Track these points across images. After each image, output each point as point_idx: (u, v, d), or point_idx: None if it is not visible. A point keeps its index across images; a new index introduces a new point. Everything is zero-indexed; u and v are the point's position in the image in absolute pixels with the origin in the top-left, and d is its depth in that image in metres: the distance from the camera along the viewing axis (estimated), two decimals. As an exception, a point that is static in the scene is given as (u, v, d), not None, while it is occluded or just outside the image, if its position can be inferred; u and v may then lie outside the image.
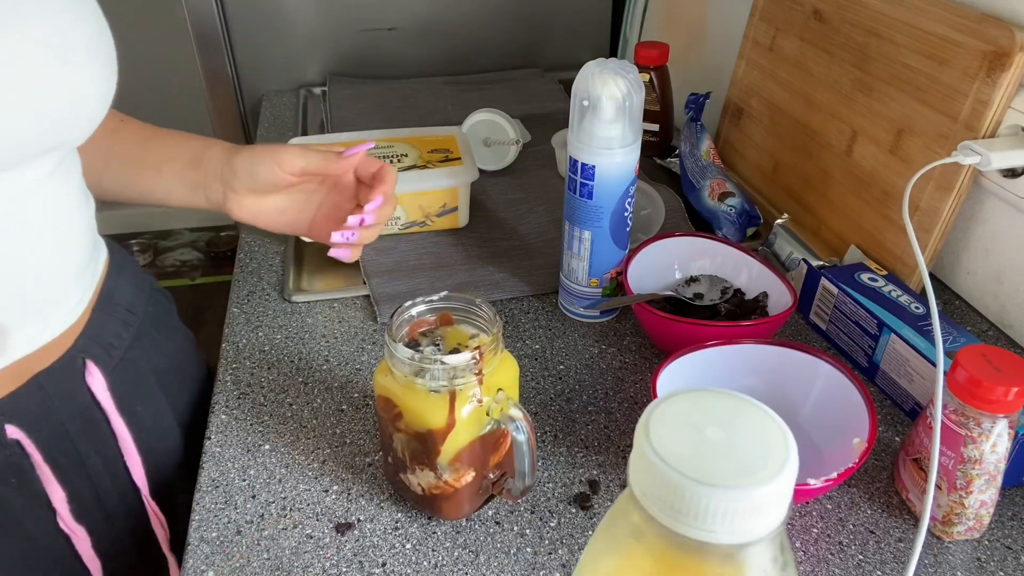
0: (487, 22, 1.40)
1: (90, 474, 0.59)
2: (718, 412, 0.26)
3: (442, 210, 0.84)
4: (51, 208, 0.53)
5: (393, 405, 0.51)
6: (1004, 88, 0.65)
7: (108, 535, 0.61)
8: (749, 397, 0.27)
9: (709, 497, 0.24)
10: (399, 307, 0.53)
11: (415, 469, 0.53)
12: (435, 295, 0.54)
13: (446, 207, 0.85)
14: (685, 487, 0.24)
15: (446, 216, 0.85)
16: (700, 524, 0.24)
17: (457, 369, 0.49)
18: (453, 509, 0.54)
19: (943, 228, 0.71)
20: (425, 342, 0.53)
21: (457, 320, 0.54)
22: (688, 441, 0.25)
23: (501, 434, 0.53)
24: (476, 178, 0.85)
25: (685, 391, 0.27)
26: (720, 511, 0.24)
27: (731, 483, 0.24)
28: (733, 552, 0.25)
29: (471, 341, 0.53)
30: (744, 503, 0.24)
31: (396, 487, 0.57)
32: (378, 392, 0.52)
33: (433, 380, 0.49)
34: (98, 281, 0.62)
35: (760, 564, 0.26)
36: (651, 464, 0.25)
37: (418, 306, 0.53)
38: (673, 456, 0.25)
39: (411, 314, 0.53)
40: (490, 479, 0.55)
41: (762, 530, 0.25)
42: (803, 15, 0.88)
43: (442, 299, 0.54)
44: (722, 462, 0.25)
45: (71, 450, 0.57)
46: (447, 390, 0.49)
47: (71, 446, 0.57)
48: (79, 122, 0.52)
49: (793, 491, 0.26)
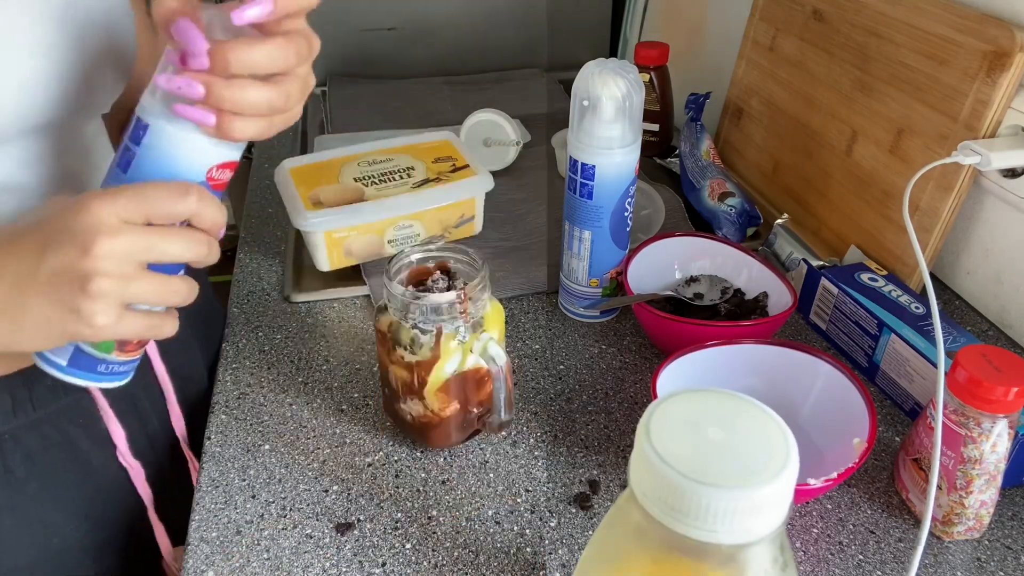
0: (487, 22, 1.39)
1: (141, 415, 0.64)
2: (719, 412, 0.27)
3: (460, 220, 0.84)
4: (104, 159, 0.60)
5: (388, 339, 0.56)
6: (1004, 88, 0.65)
7: (156, 471, 0.66)
8: (750, 397, 0.27)
9: (709, 497, 0.24)
10: (400, 252, 0.58)
11: (406, 399, 0.58)
12: (432, 244, 0.60)
13: (464, 217, 0.84)
14: (685, 487, 0.24)
15: (463, 226, 0.85)
16: (701, 524, 0.24)
17: (442, 307, 0.54)
18: (441, 437, 0.60)
19: (943, 228, 0.71)
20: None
21: (453, 266, 0.60)
22: (689, 441, 0.26)
23: (485, 373, 0.58)
24: (492, 187, 0.84)
25: (685, 391, 0.27)
26: (721, 511, 0.24)
27: (732, 483, 0.24)
28: (734, 553, 0.25)
29: (457, 282, 0.58)
30: (745, 503, 0.24)
31: (392, 417, 0.62)
32: (377, 327, 0.58)
33: (421, 315, 0.54)
34: None
35: (760, 564, 0.26)
36: (651, 464, 0.25)
37: (416, 253, 0.59)
38: (674, 456, 0.25)
39: (410, 259, 0.59)
40: (474, 414, 0.60)
41: (763, 530, 0.25)
42: (803, 15, 0.88)
43: (438, 248, 0.60)
44: (723, 462, 0.25)
45: (125, 393, 0.61)
46: (434, 325, 0.54)
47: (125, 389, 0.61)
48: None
49: (793, 491, 0.26)
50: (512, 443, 0.63)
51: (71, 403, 0.58)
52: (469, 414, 0.60)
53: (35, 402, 0.56)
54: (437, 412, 0.58)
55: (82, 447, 0.59)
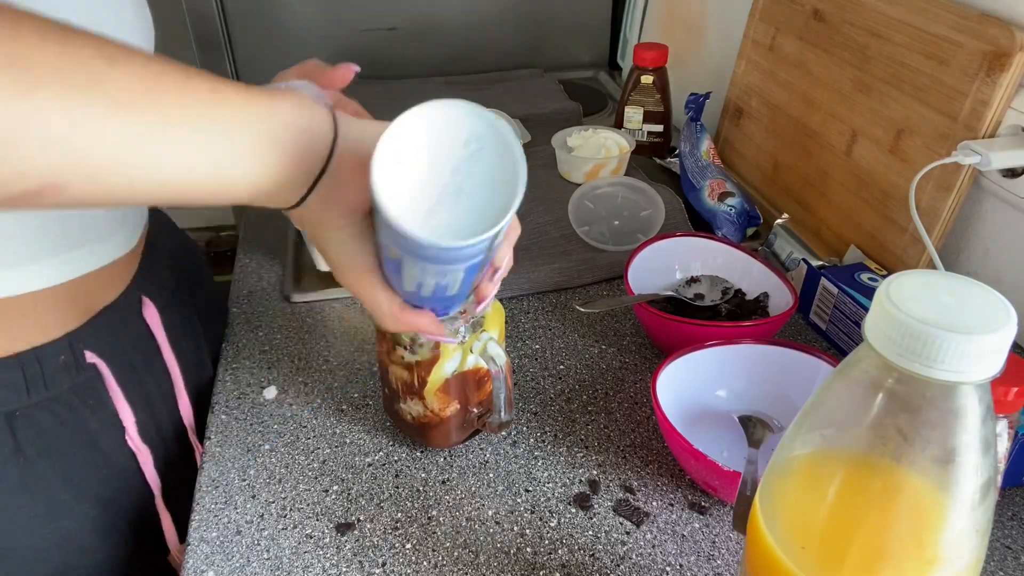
0: (487, 22, 1.39)
1: (150, 401, 0.64)
2: (948, 286, 0.31)
3: None
4: None
5: (388, 339, 0.56)
6: (1004, 88, 0.65)
7: (164, 458, 0.66)
8: (972, 279, 0.32)
9: (944, 339, 0.29)
10: None
11: (406, 399, 0.58)
12: None
13: None
14: (921, 331, 0.29)
15: None
16: (940, 365, 0.29)
17: None
18: (441, 437, 0.60)
19: (943, 228, 0.71)
20: None
21: None
22: (924, 302, 0.30)
23: (485, 373, 0.58)
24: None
25: (917, 272, 0.32)
26: (959, 352, 0.29)
27: (968, 330, 0.29)
28: (954, 393, 0.30)
29: None
30: (979, 346, 0.29)
31: (392, 417, 0.62)
32: (378, 327, 0.58)
33: None
34: (144, 224, 0.67)
35: (975, 411, 0.30)
36: (894, 316, 0.30)
37: None
38: (912, 310, 0.30)
39: None
40: (474, 413, 0.60)
41: (981, 374, 0.29)
42: (803, 15, 0.88)
43: None
44: (955, 316, 0.30)
45: (134, 378, 0.63)
46: None
47: (134, 374, 0.63)
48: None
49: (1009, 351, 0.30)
50: (512, 443, 0.63)
51: (82, 383, 0.58)
52: (469, 414, 0.60)
53: (47, 381, 0.56)
54: (437, 412, 0.58)
55: (92, 428, 0.60)
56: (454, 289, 0.44)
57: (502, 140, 0.38)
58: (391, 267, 0.43)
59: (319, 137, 0.40)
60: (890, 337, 0.30)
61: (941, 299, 0.31)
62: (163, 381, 0.66)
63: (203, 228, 2.65)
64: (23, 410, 0.55)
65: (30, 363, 0.55)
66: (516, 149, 0.38)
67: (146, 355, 0.64)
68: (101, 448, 0.60)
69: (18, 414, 0.55)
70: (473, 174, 0.38)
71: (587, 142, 0.98)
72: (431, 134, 0.38)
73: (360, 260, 0.44)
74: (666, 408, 0.56)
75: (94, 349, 0.59)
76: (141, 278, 0.65)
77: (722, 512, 0.57)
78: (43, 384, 0.56)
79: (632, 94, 1.06)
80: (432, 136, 0.38)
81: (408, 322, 0.47)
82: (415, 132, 0.38)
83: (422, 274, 0.41)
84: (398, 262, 0.41)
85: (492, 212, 0.38)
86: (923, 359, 0.29)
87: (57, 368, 0.57)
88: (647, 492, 0.58)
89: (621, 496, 0.58)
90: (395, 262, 0.42)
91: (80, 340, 0.58)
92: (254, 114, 0.38)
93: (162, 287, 0.67)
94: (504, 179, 0.38)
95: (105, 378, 0.60)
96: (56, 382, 0.56)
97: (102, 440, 0.60)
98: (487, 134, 0.38)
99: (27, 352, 0.55)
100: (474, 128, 0.38)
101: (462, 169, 0.38)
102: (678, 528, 0.56)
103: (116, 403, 0.61)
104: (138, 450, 0.63)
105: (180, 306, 0.69)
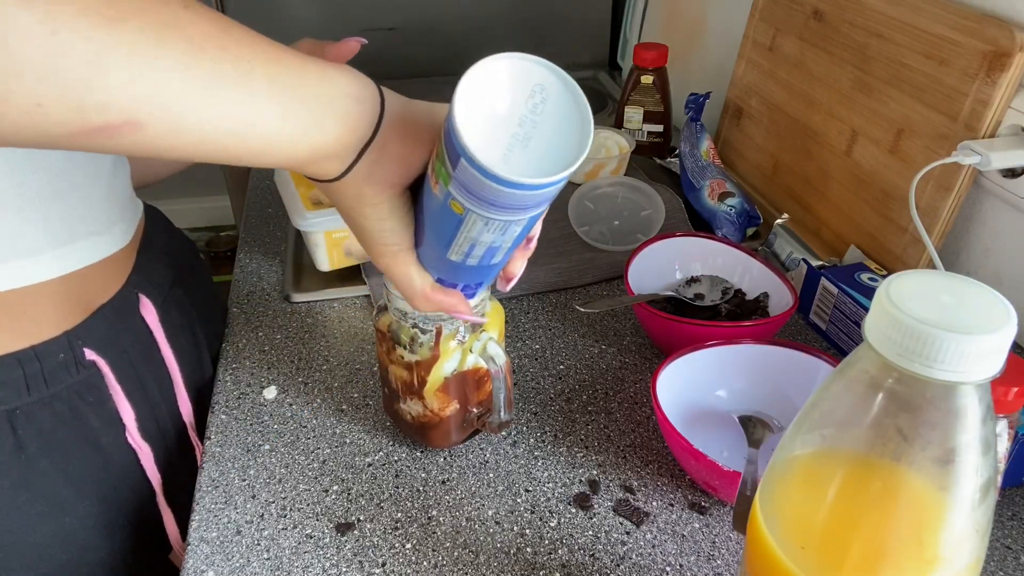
0: (487, 22, 1.40)
1: (149, 398, 0.64)
2: (948, 286, 0.31)
3: None
4: None
5: (388, 338, 0.56)
6: (1004, 88, 0.65)
7: (165, 456, 0.66)
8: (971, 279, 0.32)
9: (943, 339, 0.29)
10: None
11: (406, 399, 0.58)
12: None
13: None
14: (921, 331, 0.29)
15: None
16: (940, 365, 0.29)
17: None
18: (441, 437, 0.60)
19: (943, 228, 0.71)
20: None
21: None
22: (924, 302, 0.30)
23: (485, 373, 0.58)
24: None
25: (917, 272, 0.32)
26: (957, 352, 0.29)
27: (967, 330, 0.29)
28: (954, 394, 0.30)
29: None
30: (977, 346, 0.29)
31: (392, 417, 0.62)
32: (377, 327, 0.58)
33: (421, 315, 0.54)
34: (139, 219, 0.68)
35: (975, 412, 0.30)
36: (894, 317, 0.30)
37: None
38: (912, 310, 0.30)
39: None
40: (474, 413, 0.60)
41: (987, 372, 0.29)
42: (803, 15, 0.88)
43: None
44: (955, 316, 0.30)
45: (133, 375, 0.63)
46: (434, 325, 0.54)
47: (133, 371, 0.63)
48: None
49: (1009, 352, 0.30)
50: (512, 443, 0.63)
51: (82, 380, 0.59)
52: (469, 414, 0.60)
53: (48, 379, 0.56)
54: (437, 412, 0.58)
55: (92, 425, 0.60)
56: (501, 254, 0.45)
57: (567, 88, 0.39)
58: (440, 235, 0.43)
59: (368, 107, 0.41)
60: (890, 337, 0.30)
61: (941, 299, 0.31)
62: (162, 378, 0.66)
63: (203, 228, 2.65)
64: (24, 408, 0.55)
65: (30, 361, 0.55)
66: (580, 96, 0.39)
67: (145, 352, 0.65)
68: (102, 445, 0.60)
69: (19, 412, 0.55)
70: (540, 124, 0.39)
71: (587, 142, 0.98)
72: (499, 85, 0.39)
73: (397, 237, 0.44)
74: (666, 408, 0.56)
75: (93, 347, 0.59)
76: (137, 275, 0.65)
77: (722, 512, 0.57)
78: (43, 382, 0.56)
79: (632, 94, 1.06)
80: (499, 87, 0.39)
81: (439, 301, 0.47)
82: (483, 84, 0.39)
83: (482, 231, 0.41)
84: (456, 222, 0.41)
85: (563, 158, 0.38)
86: (923, 359, 0.29)
87: (57, 366, 0.57)
88: (647, 492, 0.58)
89: (621, 496, 0.58)
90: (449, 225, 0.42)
91: (79, 338, 0.58)
92: (312, 75, 0.39)
93: (158, 284, 0.67)
94: (570, 128, 0.39)
95: (105, 375, 0.60)
96: (56, 380, 0.57)
97: (102, 437, 0.61)
98: (552, 83, 0.39)
99: (27, 350, 0.55)
100: (540, 78, 0.39)
101: (528, 119, 0.39)
102: (678, 528, 0.56)
103: (116, 400, 0.61)
104: (138, 447, 0.63)
105: (177, 303, 0.70)
